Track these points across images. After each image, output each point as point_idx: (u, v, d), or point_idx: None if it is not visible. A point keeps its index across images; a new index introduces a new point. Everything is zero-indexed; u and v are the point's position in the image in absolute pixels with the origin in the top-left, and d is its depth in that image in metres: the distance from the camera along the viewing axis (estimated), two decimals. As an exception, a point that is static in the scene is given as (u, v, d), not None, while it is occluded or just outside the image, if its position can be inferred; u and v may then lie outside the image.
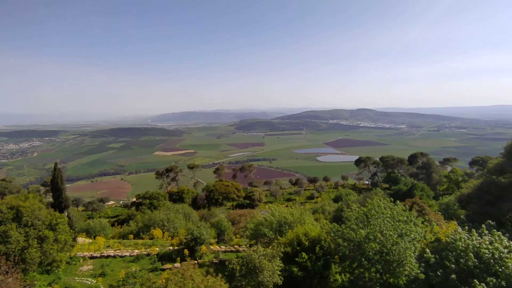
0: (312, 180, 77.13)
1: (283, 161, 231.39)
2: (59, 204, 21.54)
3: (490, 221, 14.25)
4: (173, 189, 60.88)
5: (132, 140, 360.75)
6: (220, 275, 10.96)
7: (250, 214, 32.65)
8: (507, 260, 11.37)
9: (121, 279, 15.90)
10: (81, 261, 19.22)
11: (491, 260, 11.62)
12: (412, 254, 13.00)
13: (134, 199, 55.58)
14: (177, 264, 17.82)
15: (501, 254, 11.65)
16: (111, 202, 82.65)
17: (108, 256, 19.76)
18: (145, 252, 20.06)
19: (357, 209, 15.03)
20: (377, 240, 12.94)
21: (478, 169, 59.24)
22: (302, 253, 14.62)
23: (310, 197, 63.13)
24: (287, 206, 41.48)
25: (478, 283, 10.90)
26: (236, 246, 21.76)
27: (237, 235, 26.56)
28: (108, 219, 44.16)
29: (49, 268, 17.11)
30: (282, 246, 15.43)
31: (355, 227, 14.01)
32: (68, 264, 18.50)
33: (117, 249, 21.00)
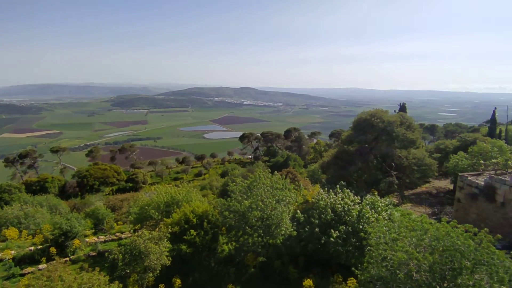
0: (200, 158, 77.59)
1: (168, 140, 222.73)
2: None
3: (342, 182, 17.72)
4: (32, 179, 50.40)
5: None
6: (97, 268, 9.88)
7: (134, 197, 30.47)
8: (352, 211, 14.52)
9: (-42, 298, 12.39)
10: None
11: (342, 212, 14.59)
12: (287, 216, 14.98)
13: (-28, 196, 43.16)
14: (42, 266, 15.10)
15: (349, 206, 14.77)
16: None
17: None
18: (-5, 259, 16.11)
19: (240, 182, 16.05)
20: (259, 208, 14.24)
21: (335, 140, 72.10)
22: (191, 230, 14.73)
23: (198, 174, 63.65)
24: (174, 185, 40.64)
25: (334, 232, 13.60)
26: (118, 234, 20.06)
27: (119, 222, 24.52)
28: None
29: None
30: (170, 226, 15.12)
31: (240, 198, 15.00)
32: None
33: (-52, 262, 16.09)
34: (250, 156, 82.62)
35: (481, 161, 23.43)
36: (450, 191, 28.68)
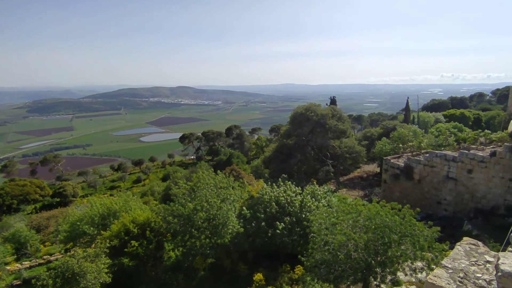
0: (138, 163, 72.96)
1: (100, 146, 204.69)
2: None
3: (284, 175, 18.43)
4: None
5: None
6: (22, 300, 8.64)
7: (63, 213, 27.33)
8: (295, 202, 15.19)
9: None
10: None
11: (286, 204, 15.16)
12: (233, 214, 15.00)
13: None
14: (-52, 307, 12.70)
15: (292, 198, 15.41)
16: None
17: None
18: None
19: (183, 185, 15.55)
20: (204, 209, 13.99)
21: (275, 135, 74.45)
22: (132, 241, 13.80)
23: (137, 181, 59.80)
24: (110, 195, 37.62)
25: (279, 224, 14.06)
26: (46, 257, 17.86)
27: (46, 243, 21.80)
28: None
29: None
30: (108, 240, 13.94)
31: (183, 201, 14.53)
32: None
33: None
34: (192, 157, 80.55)
35: (400, 145, 26.53)
36: (378, 173, 31.89)
